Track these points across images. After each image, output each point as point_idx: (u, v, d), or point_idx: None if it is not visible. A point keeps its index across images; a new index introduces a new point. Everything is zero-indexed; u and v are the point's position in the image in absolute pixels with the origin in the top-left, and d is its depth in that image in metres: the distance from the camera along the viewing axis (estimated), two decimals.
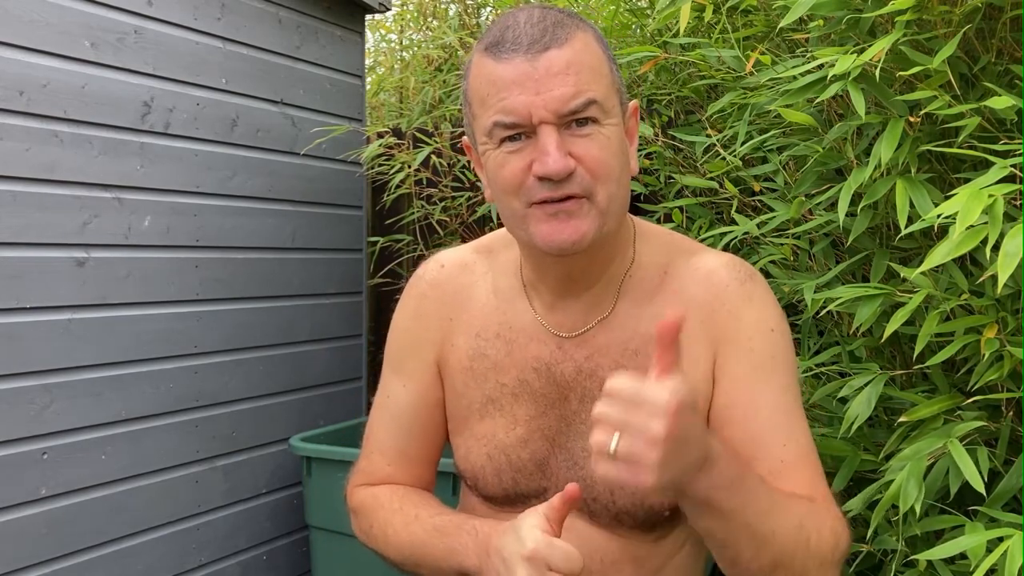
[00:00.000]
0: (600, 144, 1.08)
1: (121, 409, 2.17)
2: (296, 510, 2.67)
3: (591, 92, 1.06)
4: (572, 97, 1.05)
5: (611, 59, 1.13)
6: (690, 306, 1.15)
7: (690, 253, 1.21)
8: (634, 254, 1.20)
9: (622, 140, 1.12)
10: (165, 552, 2.28)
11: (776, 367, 1.15)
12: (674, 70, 2.25)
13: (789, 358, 1.18)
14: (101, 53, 2.12)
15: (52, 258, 2.03)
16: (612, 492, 1.16)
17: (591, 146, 1.07)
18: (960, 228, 1.15)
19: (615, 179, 1.09)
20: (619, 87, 1.13)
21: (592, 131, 1.08)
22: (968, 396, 1.39)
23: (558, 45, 1.06)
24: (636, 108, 1.17)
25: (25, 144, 1.97)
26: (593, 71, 1.08)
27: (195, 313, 2.37)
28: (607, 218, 1.09)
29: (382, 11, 3.09)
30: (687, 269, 1.18)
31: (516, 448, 1.21)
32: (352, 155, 2.83)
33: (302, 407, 2.72)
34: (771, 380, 1.15)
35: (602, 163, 1.08)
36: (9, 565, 1.93)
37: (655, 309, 1.15)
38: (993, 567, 1.17)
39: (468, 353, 1.25)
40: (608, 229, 1.11)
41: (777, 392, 1.14)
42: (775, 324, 1.17)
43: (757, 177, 1.89)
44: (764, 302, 1.18)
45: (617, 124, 1.11)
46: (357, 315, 2.96)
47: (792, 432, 1.14)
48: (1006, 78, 1.48)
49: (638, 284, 1.18)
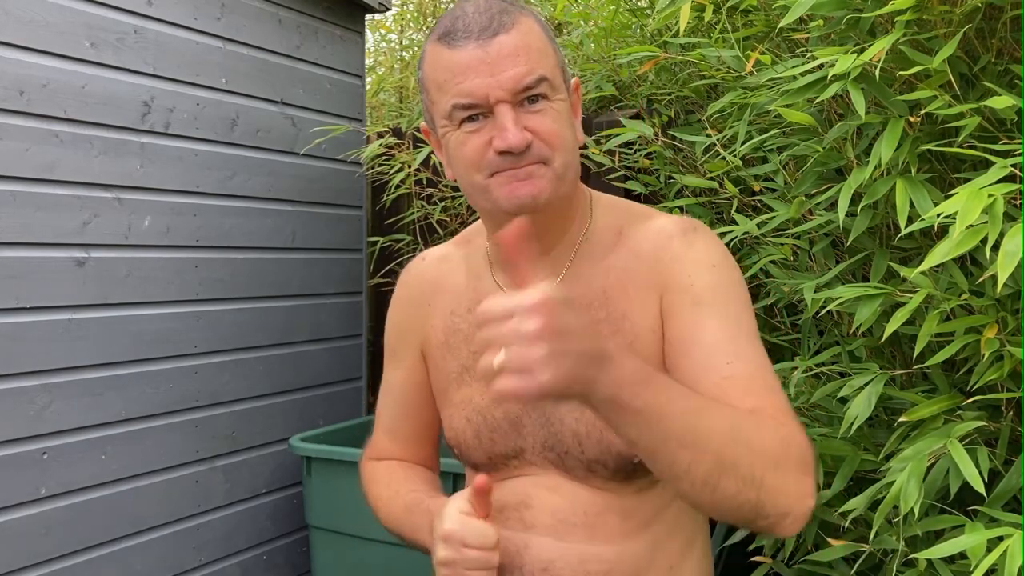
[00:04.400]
0: (552, 117, 1.18)
1: (121, 409, 2.17)
2: (296, 510, 2.67)
3: (541, 70, 1.17)
4: (524, 75, 1.15)
5: (552, 40, 1.24)
6: (640, 259, 1.23)
7: (645, 217, 1.27)
8: (591, 219, 1.29)
9: (570, 113, 1.23)
10: (165, 552, 2.28)
11: (717, 298, 1.18)
12: (674, 70, 2.26)
13: (734, 290, 1.20)
14: (101, 53, 2.12)
15: (52, 258, 2.03)
16: (580, 442, 1.21)
17: (544, 120, 1.18)
18: (960, 228, 1.15)
19: (568, 148, 1.20)
20: (563, 66, 1.24)
21: (544, 107, 1.18)
22: (968, 396, 1.39)
23: (506, 31, 1.16)
24: (577, 84, 1.26)
25: (25, 144, 1.97)
26: (540, 52, 1.19)
27: (195, 313, 2.37)
28: (562, 182, 1.20)
29: (382, 11, 3.09)
30: (640, 230, 1.25)
31: (490, 408, 1.28)
32: (352, 155, 2.83)
33: (302, 407, 2.72)
34: (713, 310, 1.17)
35: (555, 134, 1.18)
36: (9, 565, 1.93)
37: (607, 264, 1.24)
38: (993, 567, 1.17)
39: (444, 330, 1.35)
40: (563, 192, 1.21)
41: (720, 319, 1.17)
42: (716, 260, 1.21)
43: (757, 177, 1.89)
44: (706, 244, 1.23)
45: (564, 99, 1.21)
46: (357, 315, 2.96)
47: (738, 353, 1.15)
48: (1006, 78, 1.48)
49: (593, 246, 1.27)
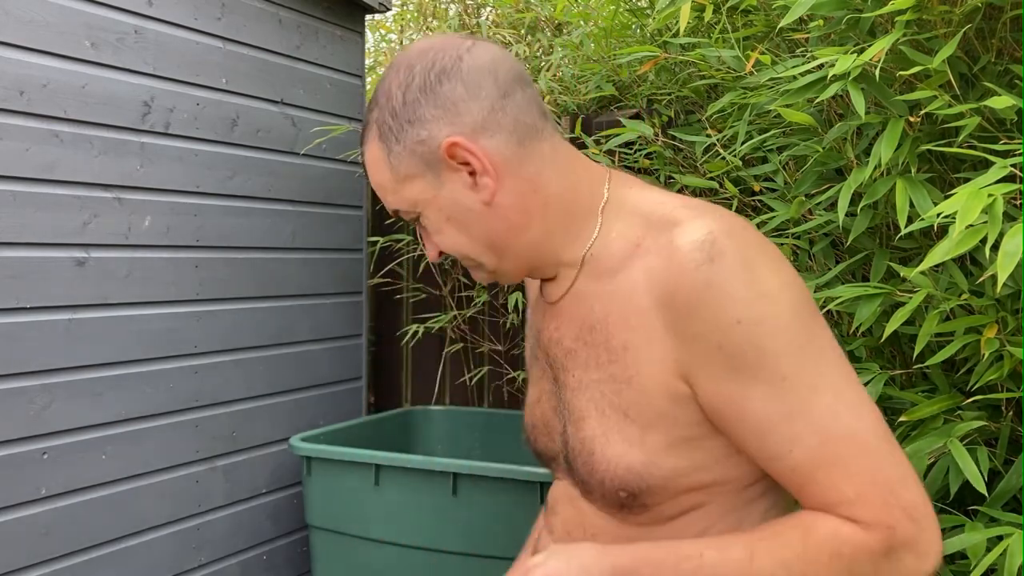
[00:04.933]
0: (439, 232, 1.12)
1: (121, 409, 2.17)
2: (296, 510, 2.68)
3: (394, 204, 1.12)
4: (392, 207, 1.14)
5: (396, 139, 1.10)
6: (650, 285, 1.05)
7: (669, 225, 1.06)
8: (597, 231, 1.13)
9: (454, 204, 1.10)
10: (165, 552, 2.28)
11: (750, 364, 0.99)
12: (674, 70, 2.26)
13: (772, 346, 0.99)
14: (101, 53, 2.12)
15: (52, 258, 2.03)
16: (575, 459, 1.14)
17: (435, 238, 1.13)
18: (960, 227, 1.15)
19: (481, 244, 1.12)
20: (416, 162, 1.10)
21: (426, 224, 1.12)
22: (968, 396, 1.39)
23: (367, 162, 1.14)
24: (449, 144, 1.07)
25: (25, 144, 1.97)
26: (382, 187, 1.12)
27: (195, 313, 2.37)
28: (502, 269, 1.15)
29: (382, 11, 3.09)
30: (656, 245, 1.06)
31: (532, 406, 1.24)
32: (352, 155, 2.84)
33: (302, 407, 2.72)
34: (750, 382, 1.00)
35: (452, 246, 1.13)
36: (9, 565, 1.93)
37: (614, 287, 1.09)
38: (993, 566, 1.17)
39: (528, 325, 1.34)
40: (514, 268, 1.15)
41: (762, 394, 0.99)
42: (741, 314, 0.99)
43: (757, 177, 1.89)
44: (724, 290, 0.99)
45: (433, 197, 1.10)
46: (357, 315, 2.96)
47: (795, 433, 0.99)
48: (1006, 78, 1.48)
49: (602, 262, 1.12)
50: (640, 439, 1.06)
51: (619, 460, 1.07)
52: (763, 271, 1.01)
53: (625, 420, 1.07)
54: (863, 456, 0.97)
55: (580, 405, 1.11)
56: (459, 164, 1.08)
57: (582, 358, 1.10)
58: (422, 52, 1.10)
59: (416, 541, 2.21)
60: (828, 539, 0.97)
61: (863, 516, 0.96)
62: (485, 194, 1.09)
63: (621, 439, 1.07)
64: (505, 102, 1.08)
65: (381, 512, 2.26)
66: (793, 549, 0.98)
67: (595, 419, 1.09)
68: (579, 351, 1.11)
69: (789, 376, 0.99)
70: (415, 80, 1.08)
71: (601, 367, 1.08)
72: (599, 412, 1.09)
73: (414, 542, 2.21)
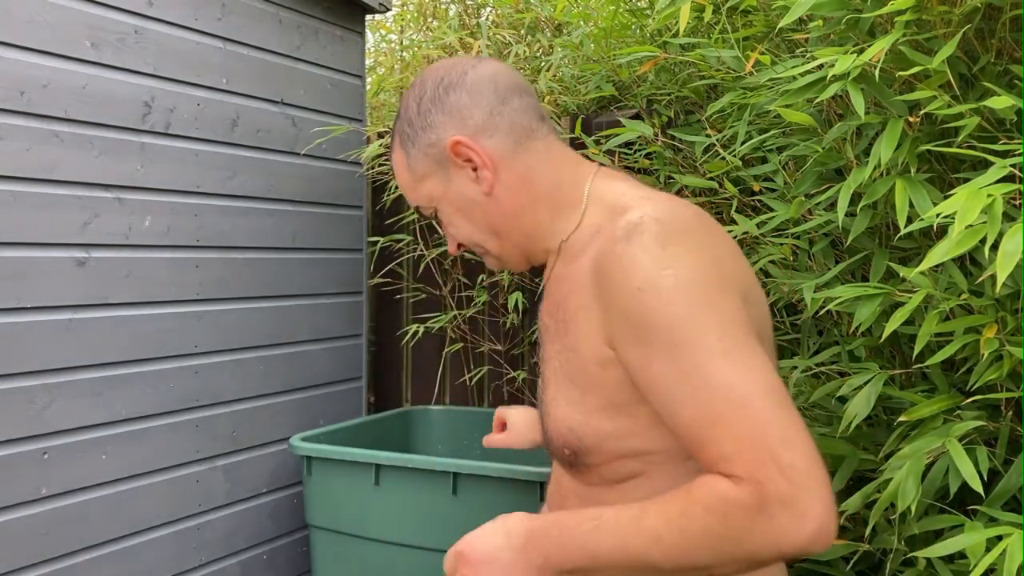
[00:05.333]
0: (452, 223, 1.31)
1: (121, 409, 2.18)
2: (296, 510, 2.68)
3: (416, 201, 1.32)
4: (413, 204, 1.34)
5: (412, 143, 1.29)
6: (593, 265, 1.15)
7: (623, 212, 1.17)
8: (580, 221, 1.25)
9: (461, 196, 1.28)
10: (165, 552, 2.28)
11: (649, 329, 1.07)
12: (674, 70, 2.26)
13: (668, 312, 1.06)
14: (101, 53, 2.13)
15: (52, 258, 2.03)
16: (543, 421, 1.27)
17: (450, 229, 1.32)
18: (959, 227, 1.15)
19: (485, 231, 1.30)
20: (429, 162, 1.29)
21: (442, 217, 1.31)
22: (967, 396, 1.39)
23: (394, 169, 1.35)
24: (454, 143, 1.25)
25: (25, 144, 1.97)
26: (405, 186, 1.32)
27: (195, 313, 2.37)
28: (505, 254, 1.32)
29: (382, 11, 3.09)
30: (608, 229, 1.16)
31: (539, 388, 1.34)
32: (352, 155, 2.84)
33: (302, 407, 2.72)
34: (650, 347, 1.07)
35: (466, 236, 1.31)
36: (9, 565, 1.93)
37: (575, 268, 1.20)
38: (992, 566, 1.17)
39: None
40: (512, 253, 1.31)
41: (661, 358, 1.07)
42: (642, 282, 1.08)
43: (757, 177, 1.89)
44: (632, 259, 1.09)
45: (444, 192, 1.29)
46: (357, 315, 2.96)
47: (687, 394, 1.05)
48: (1006, 78, 1.48)
49: (572, 245, 1.25)
50: (580, 401, 1.18)
51: (564, 420, 1.21)
52: (674, 248, 1.10)
53: (570, 384, 1.20)
54: (746, 416, 1.01)
55: (548, 374, 1.24)
56: (463, 161, 1.25)
57: (551, 332, 1.23)
58: (435, 70, 1.30)
59: (416, 541, 2.21)
60: (705, 495, 1.02)
61: (737, 471, 1.00)
62: (485, 185, 1.25)
63: (566, 401, 1.20)
64: (503, 107, 1.25)
65: (381, 512, 2.26)
66: (677, 505, 1.03)
67: (554, 385, 1.23)
68: (550, 327, 1.24)
69: (683, 342, 1.05)
70: (427, 93, 1.28)
71: (560, 339, 1.20)
72: (556, 379, 1.22)
73: (414, 542, 2.21)
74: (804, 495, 0.97)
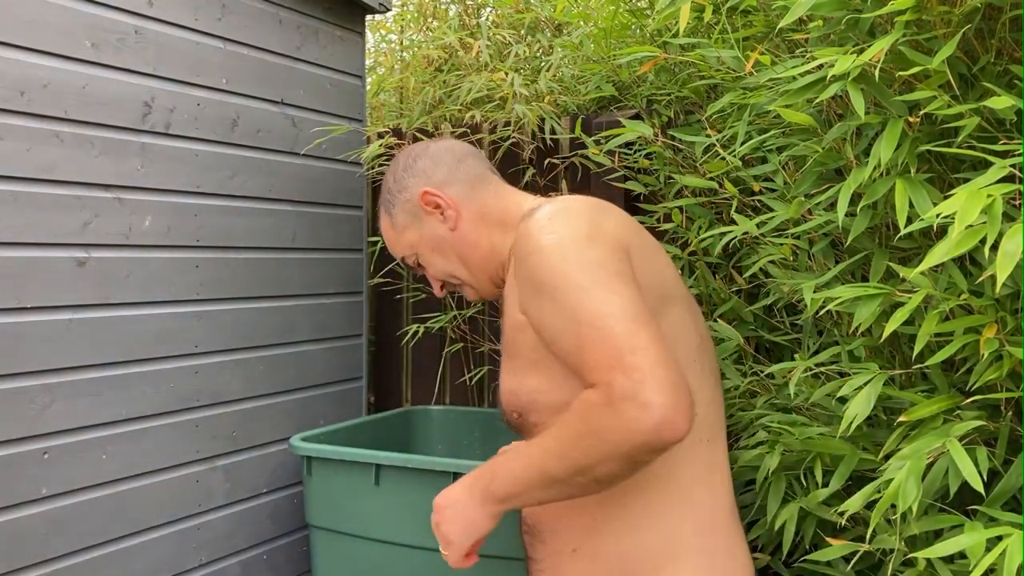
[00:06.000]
0: (431, 264, 1.61)
1: (121, 409, 2.18)
2: (296, 510, 2.68)
3: (399, 253, 1.65)
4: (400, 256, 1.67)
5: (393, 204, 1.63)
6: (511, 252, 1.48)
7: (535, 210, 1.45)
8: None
9: (433, 236, 1.58)
10: (165, 552, 2.28)
11: (541, 283, 1.33)
12: (674, 70, 2.26)
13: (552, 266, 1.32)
14: (101, 53, 2.13)
15: (52, 258, 2.03)
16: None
17: (431, 270, 1.62)
18: (959, 228, 1.15)
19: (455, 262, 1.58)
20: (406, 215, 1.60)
21: (422, 261, 1.62)
22: (967, 396, 1.39)
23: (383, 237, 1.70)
24: (423, 193, 1.58)
25: (25, 144, 1.97)
26: (391, 243, 1.65)
27: (195, 313, 2.37)
28: (476, 281, 1.60)
29: (382, 11, 3.09)
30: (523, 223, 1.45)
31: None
32: (352, 155, 2.84)
33: (302, 407, 2.72)
34: (542, 298, 1.33)
35: (442, 271, 1.61)
36: (9, 565, 1.93)
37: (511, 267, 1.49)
38: (992, 566, 1.17)
39: None
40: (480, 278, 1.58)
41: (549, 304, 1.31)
42: (532, 247, 1.36)
43: (757, 177, 1.89)
44: (528, 233, 1.38)
45: (420, 237, 1.59)
46: (357, 315, 2.96)
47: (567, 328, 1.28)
48: (1006, 78, 1.48)
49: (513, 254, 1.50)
50: (512, 368, 1.46)
51: (506, 386, 1.48)
52: (560, 223, 1.38)
53: (507, 355, 1.48)
54: (602, 336, 1.23)
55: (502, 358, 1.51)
56: (432, 208, 1.57)
57: (502, 320, 1.50)
58: (404, 152, 1.66)
59: (416, 541, 2.21)
60: (575, 405, 1.26)
61: (593, 378, 1.23)
62: (451, 223, 1.57)
63: (505, 370, 1.49)
64: (459, 165, 1.60)
65: (381, 512, 2.26)
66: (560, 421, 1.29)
67: (503, 363, 1.50)
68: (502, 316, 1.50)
69: (559, 286, 1.30)
70: (400, 166, 1.63)
71: (503, 322, 1.49)
72: (504, 356, 1.50)
73: (414, 542, 2.21)
74: (645, 390, 1.17)
